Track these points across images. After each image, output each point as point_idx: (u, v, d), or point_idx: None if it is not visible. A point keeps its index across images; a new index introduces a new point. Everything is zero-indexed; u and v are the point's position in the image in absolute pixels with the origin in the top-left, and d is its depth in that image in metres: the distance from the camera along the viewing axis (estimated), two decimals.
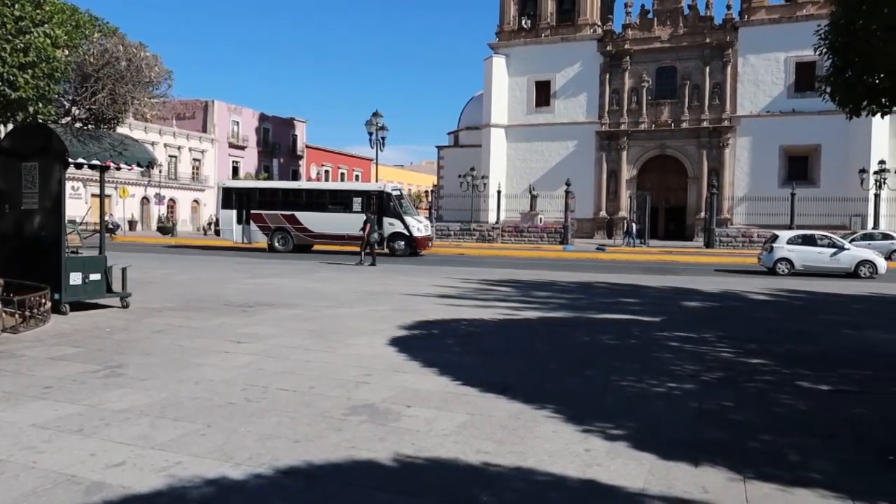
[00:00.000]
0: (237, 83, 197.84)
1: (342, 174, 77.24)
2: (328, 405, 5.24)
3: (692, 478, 3.88)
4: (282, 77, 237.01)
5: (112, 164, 9.76)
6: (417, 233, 26.23)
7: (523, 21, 52.20)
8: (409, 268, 20.28)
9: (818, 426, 5.00)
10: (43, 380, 5.84)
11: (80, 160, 9.33)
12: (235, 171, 64.01)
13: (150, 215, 55.27)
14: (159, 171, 52.84)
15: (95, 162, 9.51)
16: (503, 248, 34.84)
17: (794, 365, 7.15)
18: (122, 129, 11.26)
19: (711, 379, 6.43)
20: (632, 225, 40.56)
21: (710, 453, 4.27)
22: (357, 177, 78.76)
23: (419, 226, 26.56)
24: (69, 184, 36.08)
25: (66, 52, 9.49)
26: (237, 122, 64.30)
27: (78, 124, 10.14)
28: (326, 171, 75.10)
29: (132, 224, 51.11)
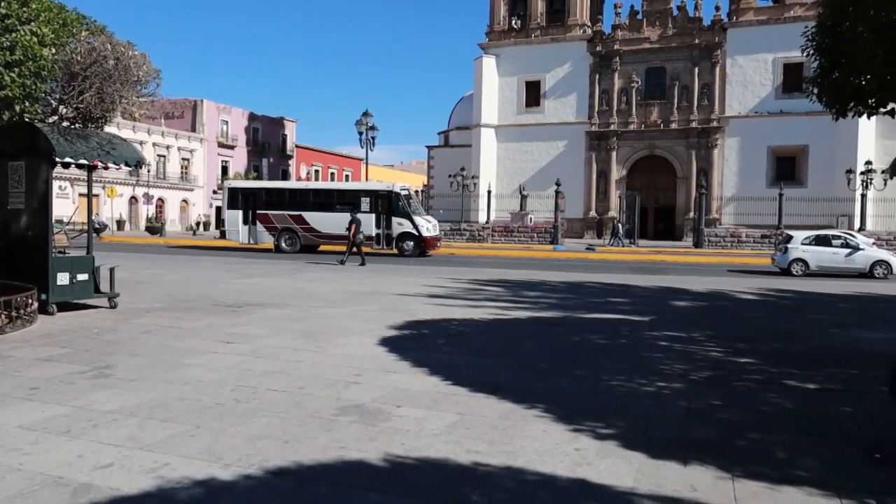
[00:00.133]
0: (226, 82, 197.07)
1: (332, 174, 77.05)
2: (318, 405, 5.23)
3: (681, 476, 3.90)
4: (272, 76, 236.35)
5: (100, 164, 9.68)
6: (427, 233, 26.03)
7: (513, 21, 52.30)
8: (399, 267, 20.26)
9: (805, 424, 5.04)
10: (29, 381, 5.79)
11: (68, 159, 9.25)
12: (225, 170, 63.73)
13: (138, 215, 54.93)
14: (147, 171, 52.57)
15: (83, 161, 9.43)
16: (493, 247, 34.88)
17: (782, 364, 7.21)
18: (109, 129, 11.19)
19: (700, 378, 6.47)
20: (618, 225, 40.79)
21: (698, 452, 4.30)
22: (347, 176, 78.58)
23: (428, 226, 26.32)
24: (56, 183, 35.91)
25: (53, 50, 9.43)
26: (226, 122, 64.01)
27: (65, 123, 10.07)
28: (316, 171, 74.90)
29: (120, 224, 50.76)
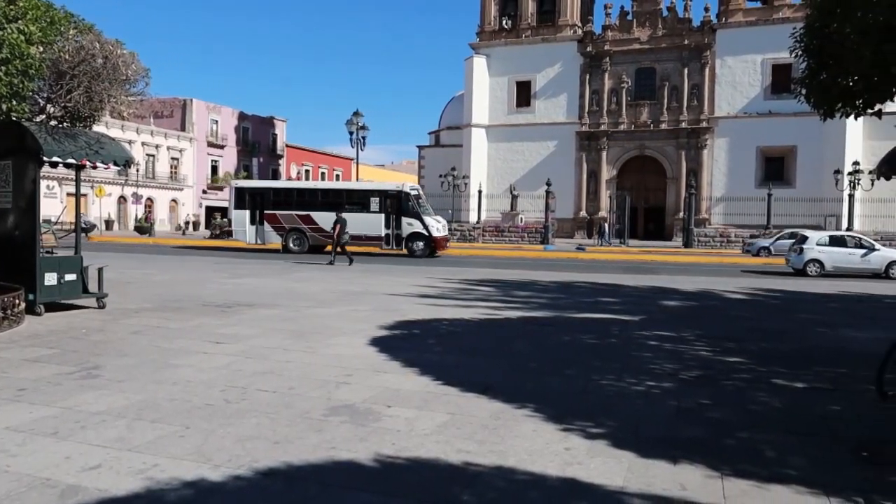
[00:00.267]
0: (216, 82, 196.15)
1: (322, 174, 76.84)
2: (308, 406, 5.21)
3: (671, 475, 3.92)
4: (262, 76, 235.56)
5: (88, 163, 9.60)
6: (437, 233, 25.96)
7: (504, 21, 52.37)
8: (389, 267, 20.24)
9: (794, 423, 5.07)
10: (17, 382, 5.74)
11: (55, 159, 9.17)
12: (214, 170, 63.46)
13: (127, 215, 54.58)
14: (136, 170, 52.19)
15: (71, 160, 9.36)
16: (484, 247, 34.92)
17: (771, 363, 7.25)
18: (98, 128, 11.09)
19: (690, 377, 6.50)
20: (603, 225, 41.07)
21: (688, 451, 4.32)
22: (338, 176, 78.39)
23: (438, 226, 26.25)
24: (44, 183, 35.69)
25: (41, 48, 9.34)
26: (216, 121, 63.72)
27: (53, 122, 9.97)
28: (307, 171, 74.68)
29: (109, 224, 50.40)
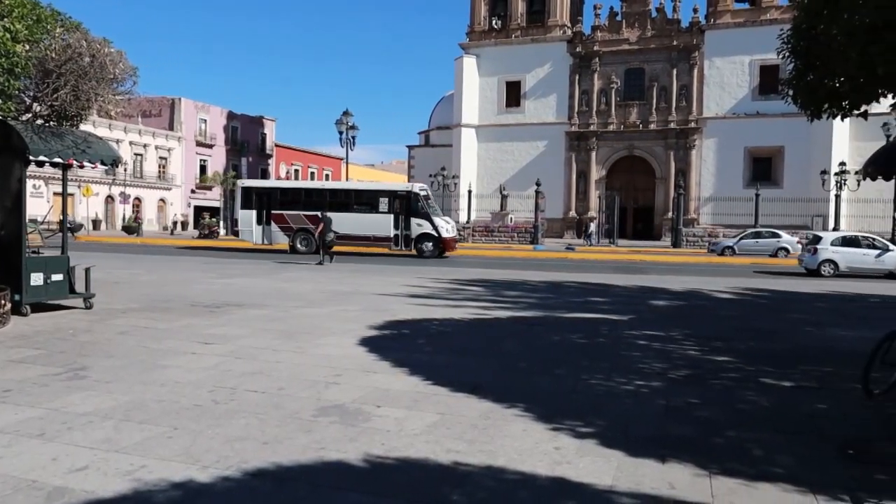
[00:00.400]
0: (205, 81, 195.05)
1: (312, 173, 76.63)
2: (297, 406, 5.19)
3: (659, 474, 3.94)
4: (250, 75, 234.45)
5: (75, 162, 9.52)
6: (446, 234, 25.94)
7: (494, 22, 52.43)
8: (380, 267, 20.21)
9: (781, 422, 5.11)
10: (2, 383, 5.68)
11: (42, 158, 9.08)
12: (203, 169, 63.12)
13: (114, 214, 54.19)
14: (124, 170, 51.85)
15: (57, 160, 9.27)
16: (474, 247, 34.93)
17: (759, 362, 7.30)
18: (85, 127, 11.00)
19: (678, 377, 6.53)
20: (590, 225, 41.31)
21: (677, 450, 4.34)
22: (327, 176, 78.18)
23: (447, 226, 26.23)
24: (30, 182, 35.32)
25: (27, 47, 9.25)
26: (205, 120, 63.37)
27: (39, 121, 9.88)
28: (296, 171, 74.45)
29: (96, 223, 50.01)
